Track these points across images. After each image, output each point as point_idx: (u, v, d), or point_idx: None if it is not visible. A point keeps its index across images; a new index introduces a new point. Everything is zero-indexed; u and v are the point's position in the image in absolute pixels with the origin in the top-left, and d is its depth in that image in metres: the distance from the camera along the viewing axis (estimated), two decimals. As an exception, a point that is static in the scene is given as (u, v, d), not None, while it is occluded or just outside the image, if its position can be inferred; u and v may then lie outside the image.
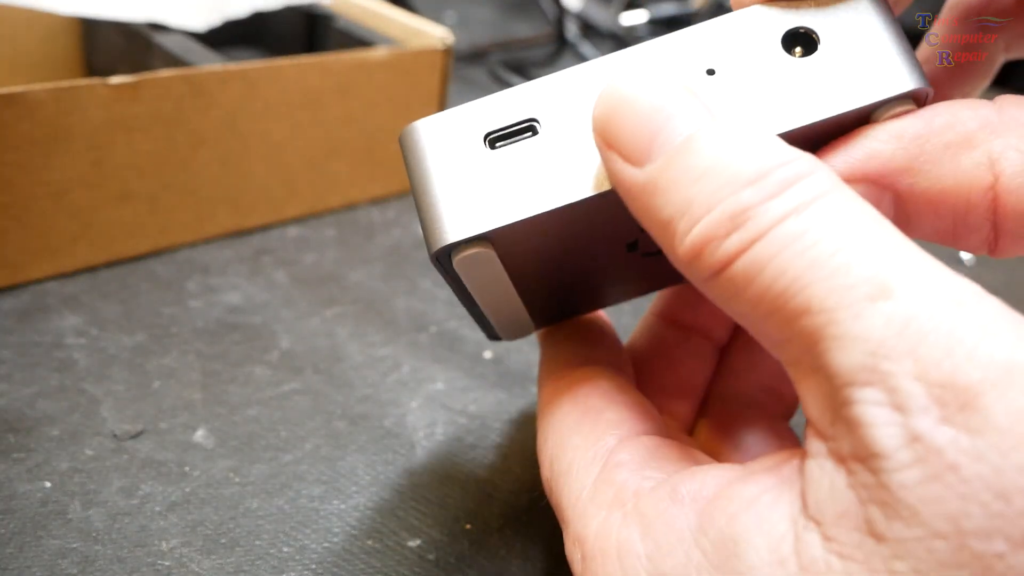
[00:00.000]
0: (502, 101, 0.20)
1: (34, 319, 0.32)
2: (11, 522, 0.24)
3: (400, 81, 0.41)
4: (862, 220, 0.15)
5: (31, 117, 0.31)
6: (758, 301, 0.16)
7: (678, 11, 0.66)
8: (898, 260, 0.15)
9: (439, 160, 0.19)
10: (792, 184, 0.16)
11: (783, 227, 0.15)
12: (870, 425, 0.14)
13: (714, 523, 0.16)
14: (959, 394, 0.14)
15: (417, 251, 0.39)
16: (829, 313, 0.15)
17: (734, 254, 0.16)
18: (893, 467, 0.14)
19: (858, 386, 0.14)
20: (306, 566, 0.23)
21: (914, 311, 0.14)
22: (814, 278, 0.15)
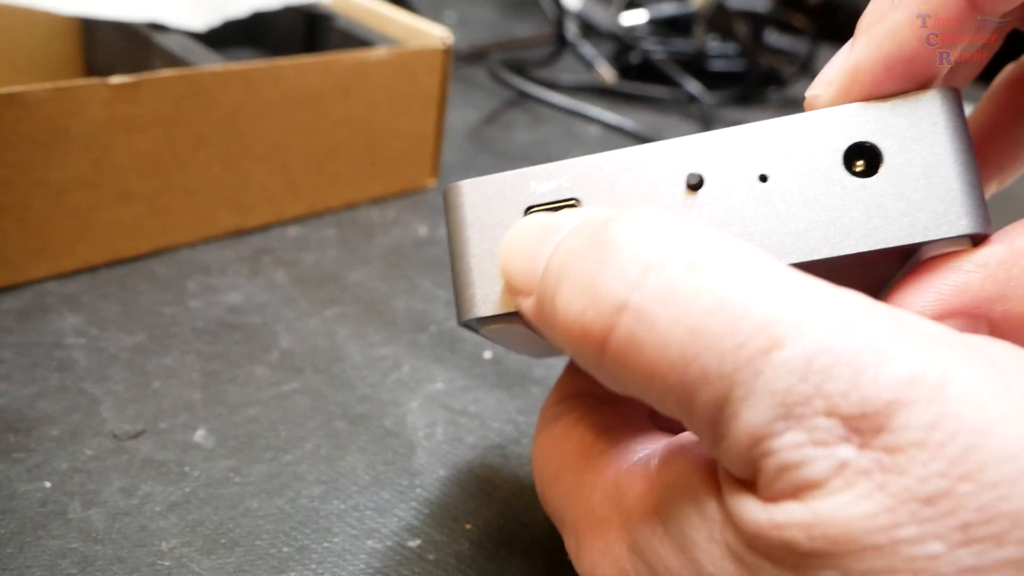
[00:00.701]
0: (547, 174, 0.20)
1: (34, 319, 0.32)
2: (11, 522, 0.24)
3: (400, 81, 0.41)
4: (728, 266, 0.15)
5: (31, 117, 0.31)
6: (650, 380, 0.16)
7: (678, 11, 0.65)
8: (781, 298, 0.15)
9: (478, 227, 0.20)
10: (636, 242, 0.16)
11: (645, 293, 0.15)
12: (799, 464, 0.14)
13: (670, 499, 0.17)
14: (871, 420, 0.14)
15: (417, 251, 0.39)
16: (728, 378, 0.15)
17: (602, 332, 0.16)
18: (826, 492, 0.14)
19: (777, 436, 0.14)
20: (306, 566, 0.23)
21: (811, 350, 0.14)
22: (701, 346, 0.15)
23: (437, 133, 0.44)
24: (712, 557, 0.16)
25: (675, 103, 0.61)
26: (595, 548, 0.18)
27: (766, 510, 0.15)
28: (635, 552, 0.17)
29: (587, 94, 0.60)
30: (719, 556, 0.16)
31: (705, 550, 0.16)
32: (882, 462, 0.14)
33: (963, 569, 0.13)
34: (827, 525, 0.14)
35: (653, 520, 0.17)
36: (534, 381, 0.32)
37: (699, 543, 0.16)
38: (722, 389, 0.15)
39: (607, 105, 0.58)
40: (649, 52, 0.62)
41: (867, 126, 0.18)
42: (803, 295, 0.15)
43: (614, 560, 0.18)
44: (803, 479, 0.14)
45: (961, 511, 0.13)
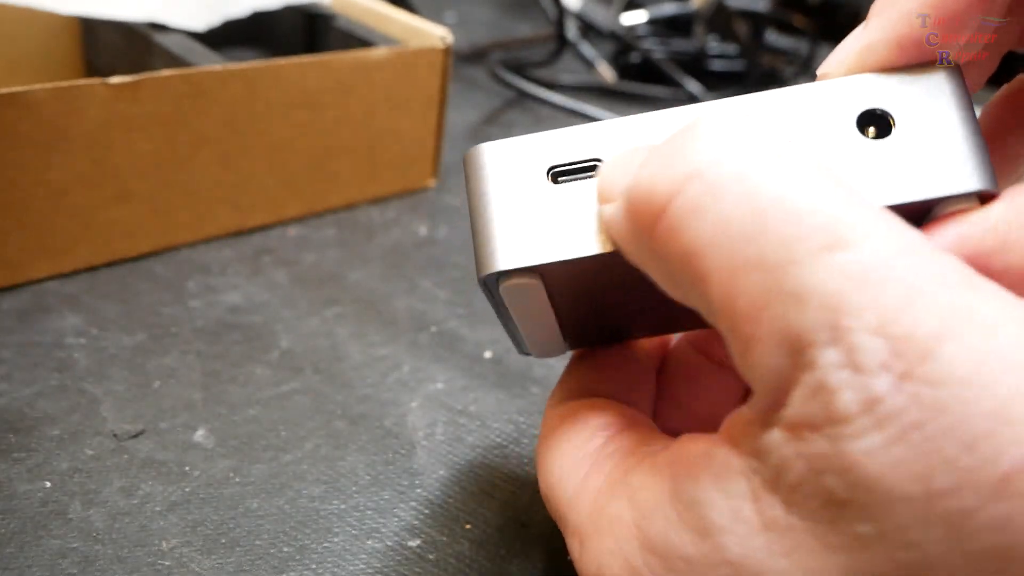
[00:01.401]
0: (569, 136, 0.20)
1: (34, 319, 0.32)
2: (11, 522, 0.24)
3: (400, 81, 0.41)
4: (806, 171, 0.15)
5: (31, 117, 0.31)
6: (699, 256, 0.15)
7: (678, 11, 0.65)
8: (850, 209, 0.14)
9: (500, 186, 0.20)
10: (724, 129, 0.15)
11: (721, 168, 0.15)
12: (830, 390, 0.14)
13: (683, 486, 0.16)
14: (919, 344, 0.13)
15: (417, 251, 0.39)
16: (784, 268, 0.14)
17: (666, 195, 0.15)
18: (853, 433, 0.13)
19: (818, 347, 0.14)
20: (306, 566, 0.23)
21: (871, 261, 0.14)
22: (763, 228, 0.14)
23: (437, 133, 0.44)
24: (738, 537, 0.15)
25: (675, 103, 0.61)
26: (603, 548, 0.18)
27: (800, 454, 0.14)
28: (648, 548, 0.17)
29: (587, 94, 0.60)
30: (746, 534, 0.15)
31: (730, 531, 0.15)
32: (920, 398, 0.13)
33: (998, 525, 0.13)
34: (860, 470, 0.13)
35: (667, 511, 0.17)
36: (534, 381, 0.32)
37: (724, 525, 0.15)
38: (773, 279, 0.14)
39: (607, 105, 0.58)
40: (649, 52, 0.62)
41: (878, 94, 0.19)
42: (874, 212, 0.14)
43: (625, 559, 0.17)
44: (833, 409, 0.14)
45: (1002, 458, 0.13)
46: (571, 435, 0.21)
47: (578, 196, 0.19)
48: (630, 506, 0.18)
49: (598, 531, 0.18)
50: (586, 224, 0.19)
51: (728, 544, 0.15)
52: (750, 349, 0.15)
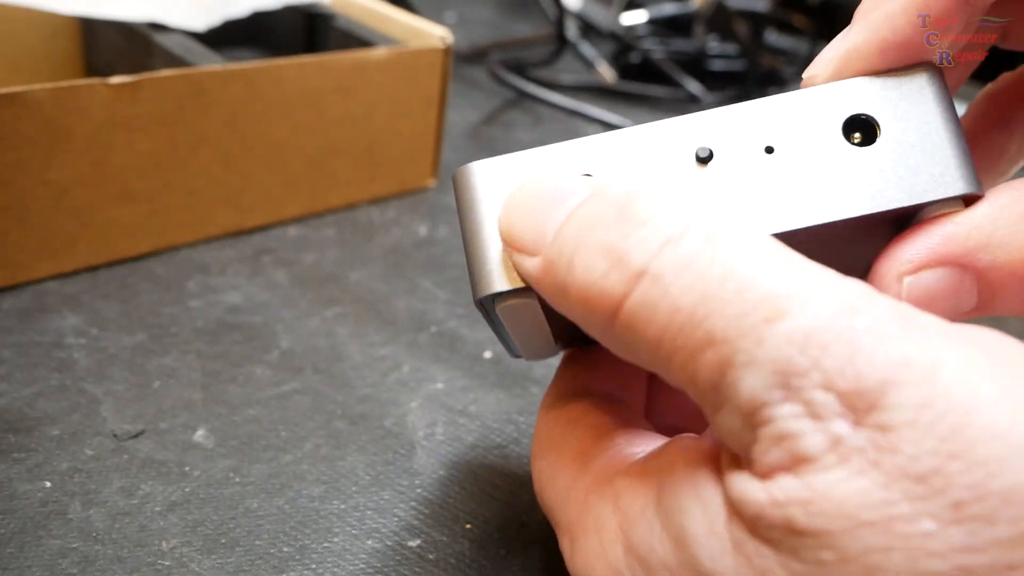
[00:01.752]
0: (558, 153, 0.20)
1: (34, 319, 0.32)
2: (11, 522, 0.24)
3: (400, 81, 0.41)
4: (742, 240, 0.16)
5: (31, 117, 0.31)
6: (658, 342, 0.16)
7: (678, 11, 0.65)
8: (789, 276, 0.15)
9: (491, 206, 0.20)
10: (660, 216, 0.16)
11: (664, 261, 0.16)
12: (794, 436, 0.15)
13: (667, 493, 0.17)
14: (865, 398, 0.14)
15: (417, 251, 0.39)
16: (732, 343, 0.15)
17: (620, 295, 0.16)
18: (820, 468, 0.14)
19: (775, 404, 0.15)
20: (306, 566, 0.24)
21: (811, 325, 0.15)
22: (708, 311, 0.15)
23: (437, 133, 0.44)
24: (711, 551, 0.16)
25: (675, 103, 0.61)
26: (589, 549, 0.18)
27: (765, 488, 0.15)
28: (631, 553, 0.17)
29: (587, 94, 0.60)
30: (718, 549, 0.16)
31: (704, 544, 0.16)
32: (875, 440, 0.14)
33: (955, 548, 0.13)
34: (823, 501, 0.14)
35: (650, 518, 0.17)
36: (534, 381, 0.32)
37: (698, 537, 0.16)
38: (725, 353, 0.15)
39: (607, 105, 0.58)
40: (649, 52, 0.62)
41: (862, 100, 0.19)
42: (810, 276, 0.15)
43: (608, 561, 0.18)
44: (799, 451, 0.15)
45: (952, 489, 0.14)
46: (564, 435, 0.21)
47: None
48: (615, 509, 0.18)
49: (585, 531, 0.19)
50: None
51: (702, 557, 0.16)
52: (716, 414, 0.16)
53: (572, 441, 0.21)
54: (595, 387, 0.23)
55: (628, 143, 0.20)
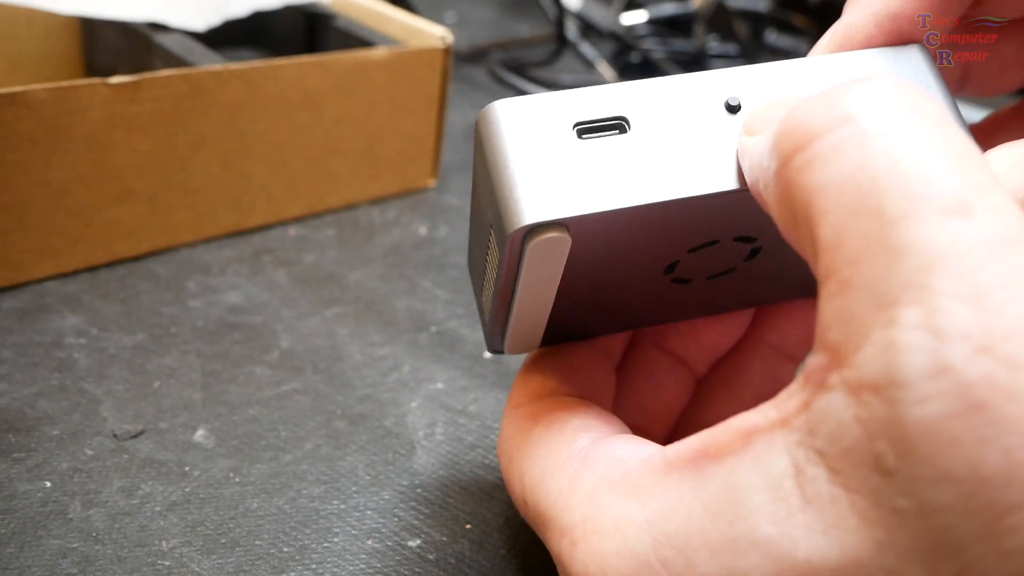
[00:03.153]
0: (592, 95, 0.20)
1: (34, 319, 0.32)
2: (11, 522, 0.24)
3: (400, 81, 0.41)
4: (954, 140, 0.15)
5: (31, 117, 0.31)
6: (822, 193, 0.15)
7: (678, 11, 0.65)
8: (987, 188, 0.14)
9: (523, 142, 0.19)
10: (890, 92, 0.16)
11: (876, 119, 0.15)
12: (899, 349, 0.13)
13: (712, 475, 0.16)
14: (1009, 323, 0.12)
15: (417, 251, 0.39)
16: (897, 221, 0.14)
17: (819, 129, 0.15)
18: (912, 399, 0.13)
19: (902, 305, 0.13)
20: (306, 566, 0.24)
21: (985, 238, 0.13)
22: (893, 181, 0.14)
23: (437, 133, 0.44)
24: (774, 517, 0.15)
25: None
26: (607, 549, 0.18)
27: (853, 410, 0.14)
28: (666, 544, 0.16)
29: (587, 94, 0.60)
30: (783, 513, 0.14)
31: (766, 511, 0.15)
32: (994, 378, 0.12)
33: None
34: (914, 440, 0.13)
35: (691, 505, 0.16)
36: (534, 381, 0.32)
37: (759, 506, 0.15)
38: (885, 230, 0.14)
39: (607, 105, 0.58)
40: (649, 52, 0.62)
41: (871, 66, 0.20)
42: (1006, 198, 0.14)
43: (636, 557, 0.17)
44: (895, 369, 0.13)
45: None
46: (550, 435, 0.21)
47: (606, 153, 0.19)
48: (641, 505, 0.17)
49: (598, 531, 0.18)
50: (615, 180, 0.19)
51: (761, 524, 0.15)
52: (841, 294, 0.14)
53: (561, 442, 0.20)
54: (566, 389, 0.23)
55: (661, 90, 0.20)
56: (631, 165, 0.19)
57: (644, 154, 0.19)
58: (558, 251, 0.19)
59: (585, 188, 0.19)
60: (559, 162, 0.19)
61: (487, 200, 0.20)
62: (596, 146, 0.19)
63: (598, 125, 0.19)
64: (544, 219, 0.18)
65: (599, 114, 0.19)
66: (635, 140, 0.19)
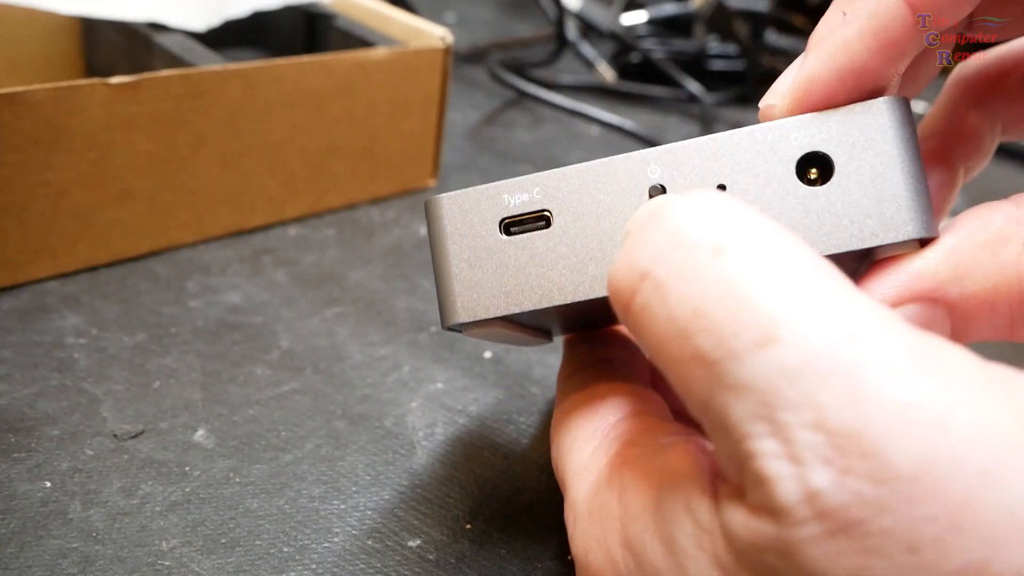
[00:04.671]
0: (519, 187, 0.21)
1: (34, 319, 0.32)
2: (11, 522, 0.24)
3: (400, 81, 0.41)
4: (758, 259, 0.15)
5: (31, 117, 0.31)
6: (658, 348, 0.16)
7: (678, 11, 0.65)
8: (790, 301, 0.14)
9: (457, 239, 0.21)
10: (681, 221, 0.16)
11: (667, 267, 0.15)
12: (769, 480, 0.14)
13: (665, 497, 0.17)
14: (861, 441, 0.13)
15: (417, 251, 0.39)
16: (719, 364, 0.14)
17: (629, 294, 0.16)
18: (793, 522, 0.13)
19: (755, 439, 0.14)
20: (306, 566, 0.24)
21: (808, 355, 0.13)
22: (701, 325, 0.15)
23: (437, 133, 0.44)
24: (699, 565, 0.15)
25: (675, 103, 0.61)
26: (590, 534, 0.19)
27: (748, 525, 0.14)
28: (627, 547, 0.17)
29: (587, 94, 0.60)
30: (705, 565, 0.15)
31: (692, 556, 0.16)
32: (862, 495, 0.13)
33: None
34: (798, 557, 0.13)
35: (647, 519, 0.17)
36: (534, 381, 0.32)
37: (687, 549, 0.16)
38: (713, 373, 0.14)
39: (607, 105, 0.58)
40: (649, 52, 0.62)
41: (819, 136, 0.19)
42: (820, 297, 0.14)
43: (607, 551, 0.18)
44: (772, 499, 0.14)
45: (950, 566, 0.12)
46: (587, 410, 0.22)
47: (531, 248, 0.20)
48: (619, 501, 0.18)
49: (590, 515, 0.19)
50: (540, 276, 0.20)
51: (688, 568, 0.16)
52: (711, 435, 0.15)
53: (595, 418, 0.21)
54: (611, 355, 0.24)
55: (584, 178, 0.20)
56: (554, 260, 0.20)
57: (566, 249, 0.20)
58: (496, 331, 0.21)
59: (511, 286, 0.20)
60: (489, 260, 0.21)
61: (436, 281, 0.21)
62: (521, 242, 0.20)
63: (524, 219, 0.21)
64: (472, 319, 0.21)
65: (524, 208, 0.20)
66: (558, 234, 0.20)
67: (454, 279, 0.21)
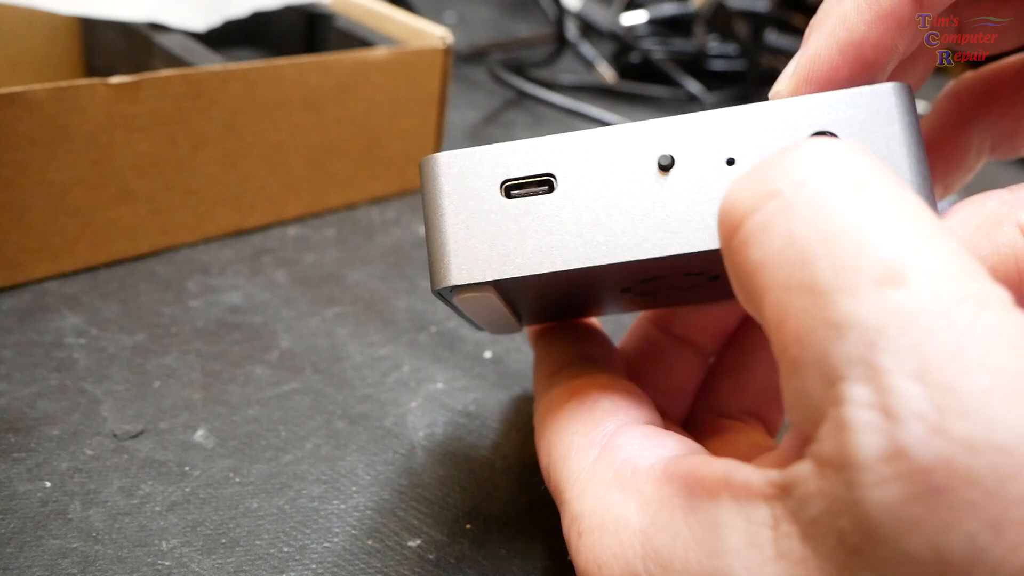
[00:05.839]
0: (523, 149, 0.20)
1: (34, 319, 0.32)
2: (11, 522, 0.24)
3: (400, 81, 0.41)
4: (892, 202, 0.14)
5: (31, 117, 0.31)
6: (760, 270, 0.15)
7: (678, 11, 0.65)
8: (923, 248, 0.14)
9: (454, 199, 0.20)
10: (819, 151, 0.15)
11: (799, 191, 0.15)
12: (852, 430, 0.13)
13: (700, 501, 0.16)
14: (962, 400, 0.12)
15: (417, 251, 0.39)
16: (830, 295, 0.14)
17: (746, 209, 0.15)
18: (869, 482, 0.13)
19: (849, 382, 0.13)
20: (306, 566, 0.23)
21: (926, 305, 0.13)
22: (822, 253, 0.14)
23: (437, 133, 0.44)
24: (748, 563, 0.15)
25: (675, 103, 0.61)
26: (605, 547, 0.18)
27: (818, 485, 0.14)
28: (653, 559, 0.17)
29: (587, 94, 0.60)
30: (757, 560, 0.15)
31: (742, 555, 0.15)
32: (952, 462, 0.12)
33: None
34: (869, 521, 0.13)
35: (679, 527, 0.16)
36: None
37: (736, 549, 0.15)
38: (820, 305, 0.14)
39: (607, 105, 0.58)
40: (649, 52, 0.62)
41: (827, 116, 0.19)
42: (951, 253, 0.14)
43: (627, 563, 0.17)
44: (850, 453, 0.13)
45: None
46: (580, 413, 0.21)
47: (531, 211, 0.19)
48: (639, 511, 0.18)
49: (601, 528, 0.18)
50: (538, 241, 0.19)
51: (735, 567, 0.15)
52: (793, 373, 0.14)
53: (590, 422, 0.21)
54: (589, 351, 0.23)
55: (592, 145, 0.20)
56: (555, 226, 0.19)
57: (569, 214, 0.19)
58: (485, 300, 0.20)
59: (508, 250, 0.19)
60: (486, 222, 0.20)
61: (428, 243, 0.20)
62: (522, 205, 0.19)
63: (526, 182, 0.20)
64: (464, 282, 0.19)
65: (527, 171, 0.20)
66: (561, 199, 0.19)
67: (449, 240, 0.20)
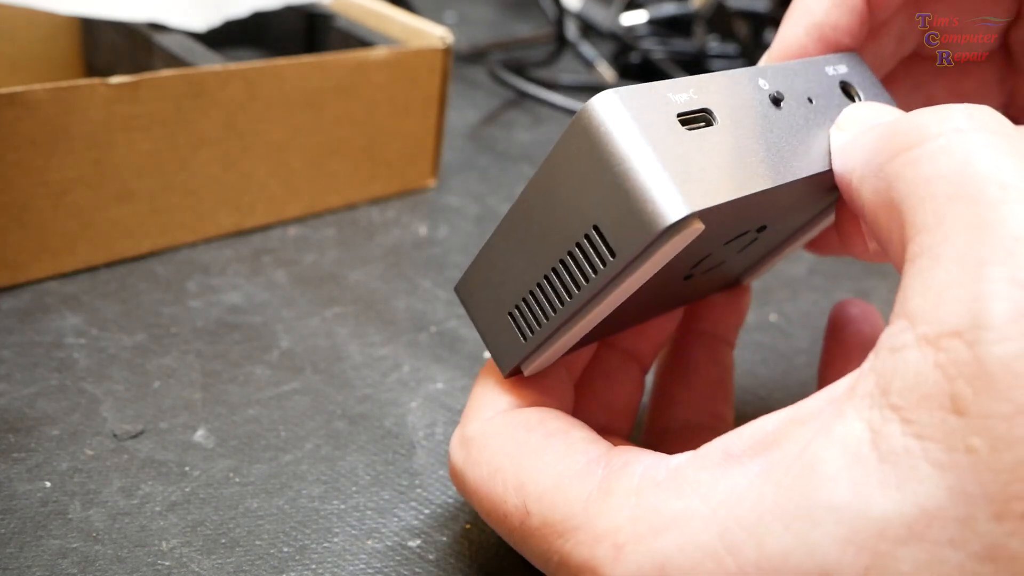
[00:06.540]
0: (679, 87, 0.20)
1: (34, 319, 0.32)
2: (11, 522, 0.24)
3: (400, 81, 0.41)
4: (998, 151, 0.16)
5: (31, 117, 0.31)
6: (926, 184, 0.17)
7: (678, 11, 0.65)
8: None
9: (649, 132, 0.18)
10: None
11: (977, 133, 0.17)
12: (984, 298, 0.14)
13: (780, 455, 0.16)
14: None
15: (417, 251, 0.39)
16: (992, 205, 0.15)
17: (932, 134, 0.17)
18: (993, 339, 0.14)
19: (990, 265, 0.15)
20: (306, 566, 0.24)
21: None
22: (992, 175, 0.16)
23: (437, 133, 0.44)
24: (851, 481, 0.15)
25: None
26: (668, 544, 0.17)
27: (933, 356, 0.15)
28: (735, 529, 0.16)
29: (587, 94, 0.60)
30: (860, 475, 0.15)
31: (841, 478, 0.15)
32: None
33: None
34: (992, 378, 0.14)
35: (761, 488, 0.16)
36: (534, 381, 0.32)
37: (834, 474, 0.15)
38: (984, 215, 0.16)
39: (607, 105, 0.58)
40: (649, 52, 0.62)
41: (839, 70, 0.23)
42: None
43: (700, 547, 0.17)
44: (978, 315, 0.15)
45: None
46: (554, 443, 0.20)
47: (708, 141, 0.19)
48: (704, 498, 0.17)
49: (655, 530, 0.17)
50: (727, 169, 0.19)
51: (837, 491, 0.15)
52: (933, 266, 0.16)
53: (574, 450, 0.20)
54: (535, 399, 0.22)
55: (718, 85, 0.21)
56: (732, 155, 0.19)
57: (735, 144, 0.20)
58: (691, 239, 0.18)
59: (709, 178, 0.18)
60: (679, 154, 0.18)
61: (590, 200, 0.18)
62: (700, 137, 0.19)
63: (691, 117, 0.19)
64: (689, 211, 0.18)
65: (690, 106, 0.19)
66: (723, 131, 0.20)
67: (663, 171, 0.18)
